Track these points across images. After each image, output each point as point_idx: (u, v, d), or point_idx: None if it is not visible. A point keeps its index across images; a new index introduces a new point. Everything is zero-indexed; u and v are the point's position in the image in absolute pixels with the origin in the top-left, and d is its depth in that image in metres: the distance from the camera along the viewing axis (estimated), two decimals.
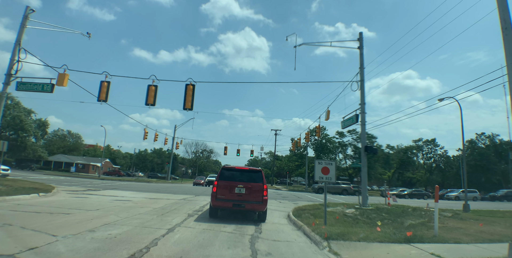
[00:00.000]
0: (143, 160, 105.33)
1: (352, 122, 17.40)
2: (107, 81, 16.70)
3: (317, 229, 7.82)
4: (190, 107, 15.99)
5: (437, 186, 8.80)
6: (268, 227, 8.83)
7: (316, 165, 9.26)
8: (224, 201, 9.54)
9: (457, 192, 43.09)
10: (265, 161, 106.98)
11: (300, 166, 61.51)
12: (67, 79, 16.68)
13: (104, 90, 16.50)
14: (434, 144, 65.36)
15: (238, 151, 46.09)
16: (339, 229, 7.86)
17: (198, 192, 24.34)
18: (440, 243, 7.35)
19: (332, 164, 9.33)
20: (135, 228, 7.20)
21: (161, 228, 7.39)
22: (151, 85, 16.39)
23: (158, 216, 9.45)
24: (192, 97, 16.10)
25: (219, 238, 6.78)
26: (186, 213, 10.77)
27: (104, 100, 16.53)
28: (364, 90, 17.25)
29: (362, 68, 17.58)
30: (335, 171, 9.35)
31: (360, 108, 16.98)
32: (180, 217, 9.52)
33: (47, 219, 7.74)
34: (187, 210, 11.55)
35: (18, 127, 57.28)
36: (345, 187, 38.13)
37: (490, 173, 58.40)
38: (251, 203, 9.51)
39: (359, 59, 17.75)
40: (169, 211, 10.88)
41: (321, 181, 9.25)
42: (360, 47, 17.91)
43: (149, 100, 16.18)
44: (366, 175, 16.31)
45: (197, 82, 16.25)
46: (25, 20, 16.89)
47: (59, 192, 16.20)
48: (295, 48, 19.82)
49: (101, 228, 6.93)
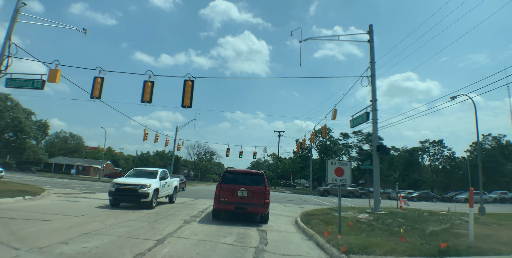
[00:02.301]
0: (145, 162, 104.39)
1: (363, 121, 16.26)
2: (101, 77, 15.71)
3: (333, 240, 6.67)
4: (189, 105, 14.93)
5: (472, 188, 7.62)
6: (274, 237, 7.69)
7: (329, 166, 8.13)
8: (226, 203, 9.51)
9: (466, 195, 41.65)
10: (268, 163, 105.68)
11: (304, 168, 60.26)
12: (59, 75, 15.75)
13: (97, 87, 15.49)
14: (441, 145, 63.75)
15: (241, 152, 44.89)
16: (358, 240, 6.71)
17: (198, 195, 23.23)
18: (479, 255, 6.21)
19: (347, 165, 8.19)
20: (118, 239, 6.09)
21: (149, 239, 6.26)
22: (147, 81, 15.36)
23: (150, 223, 8.34)
24: (191, 94, 15.05)
25: (217, 253, 5.64)
26: (183, 219, 9.64)
27: (97, 97, 15.52)
28: (375, 86, 16.12)
29: (373, 62, 16.46)
30: (351, 172, 8.22)
31: (371, 105, 15.83)
32: (174, 224, 8.40)
33: (18, 227, 6.67)
34: (184, 216, 10.43)
35: (17, 129, 56.49)
36: (351, 190, 36.81)
37: (497, 175, 56.78)
38: (254, 206, 9.49)
39: (370, 53, 16.64)
40: (164, 217, 9.76)
41: (334, 183, 8.11)
42: (370, 40, 16.81)
43: (145, 97, 15.13)
44: (378, 176, 15.14)
45: (196, 78, 15.22)
46: (16, 14, 15.95)
47: (49, 195, 15.16)
48: (300, 43, 18.96)
49: (77, 239, 5.83)
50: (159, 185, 12.92)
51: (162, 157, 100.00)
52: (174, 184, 15.66)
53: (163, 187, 13.48)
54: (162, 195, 13.61)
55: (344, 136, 60.10)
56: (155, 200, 12.46)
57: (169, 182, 14.67)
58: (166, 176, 14.44)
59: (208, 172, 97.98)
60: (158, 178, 13.18)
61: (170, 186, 14.81)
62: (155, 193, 12.39)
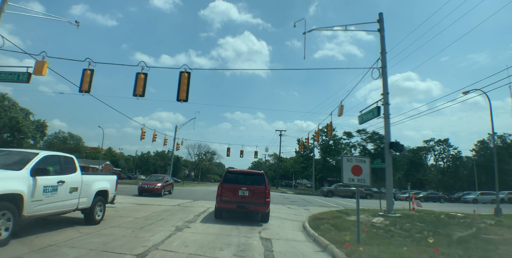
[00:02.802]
0: (145, 162, 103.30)
1: (373, 116, 15.04)
2: (90, 69, 14.58)
3: (354, 253, 5.45)
4: (184, 98, 13.77)
5: None
6: (281, 248, 6.47)
7: (344, 163, 6.92)
8: (228, 203, 9.77)
9: (475, 195, 40.25)
10: (269, 163, 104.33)
11: (306, 167, 58.96)
12: (46, 67, 14.67)
13: (86, 80, 14.36)
14: (447, 144, 62.27)
15: (242, 152, 43.65)
16: (385, 252, 5.51)
17: (197, 197, 22.03)
18: None
19: (366, 162, 6.98)
20: (89, 253, 4.90)
21: (126, 254, 5.04)
22: (140, 73, 14.22)
23: (135, 231, 7.13)
24: (187, 87, 13.89)
25: None
26: (175, 225, 8.42)
27: (86, 91, 14.40)
28: (387, 78, 14.93)
29: (384, 53, 15.27)
30: (370, 170, 7.00)
31: (382, 98, 14.63)
32: (163, 233, 7.17)
33: None
34: (177, 221, 9.22)
35: (15, 129, 55.42)
36: None
37: (504, 174, 55.35)
38: (254, 205, 9.73)
39: (380, 43, 15.46)
40: (153, 223, 8.55)
41: (351, 184, 6.90)
42: (380, 29, 15.63)
43: (138, 90, 13.97)
44: (391, 176, 13.93)
45: (192, 69, 14.01)
46: (3, 4, 14.85)
47: None
48: (304, 34, 18.00)
49: (34, 255, 4.64)
50: (30, 185, 5.56)
51: (162, 157, 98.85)
52: (94, 187, 7.88)
53: (46, 193, 5.96)
54: (45, 207, 6.01)
55: (348, 135, 58.72)
56: None
57: (72, 181, 6.92)
58: (64, 168, 6.86)
59: (208, 172, 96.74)
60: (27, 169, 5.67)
61: (79, 191, 7.16)
62: None
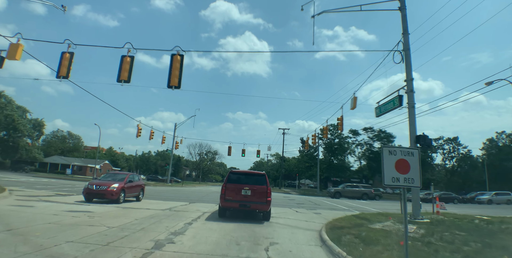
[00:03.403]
0: (146, 162, 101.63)
1: (394, 106, 13.10)
2: (70, 52, 12.74)
3: None
4: (176, 85, 11.89)
5: None
6: None
7: (385, 157, 4.97)
8: (231, 201, 10.13)
9: (489, 195, 38.02)
10: (272, 163, 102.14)
11: (310, 167, 56.89)
12: (21, 51, 12.98)
13: (65, 63, 12.58)
14: (456, 143, 59.92)
15: (243, 151, 41.65)
16: None
17: (194, 198, 20.11)
18: None
19: (415, 155, 5.08)
20: None
21: None
22: (126, 56, 12.38)
23: (94, 250, 5.18)
24: (180, 72, 12.00)
25: None
26: (153, 239, 6.37)
27: (65, 76, 12.58)
28: (411, 62, 12.97)
29: (407, 34, 13.33)
30: (420, 166, 5.05)
31: (406, 85, 12.65)
32: (132, 253, 5.20)
33: None
34: (158, 233, 7.14)
35: (10, 127, 53.77)
36: (366, 191, 33.44)
37: None
38: (256, 204, 10.05)
39: (402, 23, 13.51)
40: (128, 235, 6.58)
41: (396, 185, 4.95)
42: (401, 7, 13.68)
43: (122, 75, 12.13)
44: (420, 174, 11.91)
45: (186, 51, 12.09)
46: None
47: (6, 198, 12.21)
48: (313, 18, 16.49)
49: None
50: None
51: (163, 157, 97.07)
52: None
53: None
54: None
55: (354, 133, 56.54)
56: None
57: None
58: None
59: (210, 172, 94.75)
60: None
61: None
62: None
